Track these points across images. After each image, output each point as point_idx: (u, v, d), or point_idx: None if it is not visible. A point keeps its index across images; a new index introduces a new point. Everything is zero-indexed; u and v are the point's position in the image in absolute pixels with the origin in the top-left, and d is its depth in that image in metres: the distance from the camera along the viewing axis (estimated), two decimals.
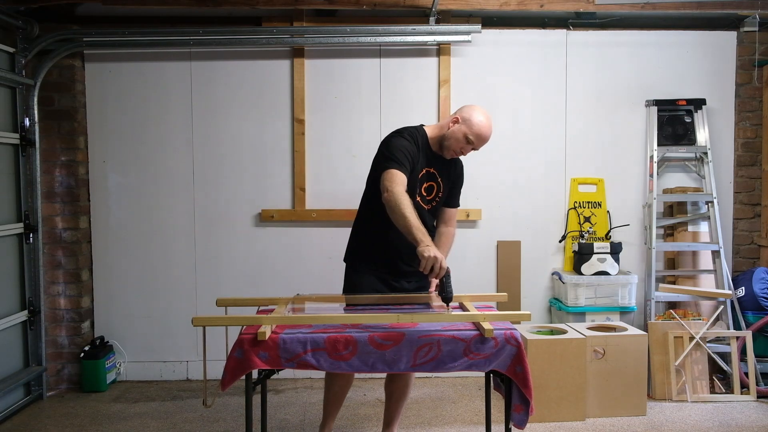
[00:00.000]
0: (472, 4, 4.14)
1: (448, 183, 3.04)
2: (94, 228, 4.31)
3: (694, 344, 3.92)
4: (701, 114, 4.30)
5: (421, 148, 2.93)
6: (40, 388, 4.03)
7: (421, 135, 2.97)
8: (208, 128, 4.30)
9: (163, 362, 4.34)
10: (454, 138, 2.91)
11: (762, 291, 4.07)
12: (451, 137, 2.91)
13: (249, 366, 2.40)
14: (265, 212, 4.29)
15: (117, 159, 4.29)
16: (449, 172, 3.03)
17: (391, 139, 2.91)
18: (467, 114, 2.93)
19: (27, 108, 3.98)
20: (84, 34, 4.05)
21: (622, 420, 3.60)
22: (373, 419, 3.63)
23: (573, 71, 4.34)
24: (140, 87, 4.27)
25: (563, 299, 4.17)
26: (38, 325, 4.02)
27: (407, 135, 2.92)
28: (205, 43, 4.14)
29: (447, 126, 2.95)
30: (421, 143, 2.94)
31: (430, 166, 2.96)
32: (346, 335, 2.41)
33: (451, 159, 3.01)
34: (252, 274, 4.32)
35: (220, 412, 3.75)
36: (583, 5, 4.13)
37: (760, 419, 3.59)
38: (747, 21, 4.27)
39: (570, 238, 4.34)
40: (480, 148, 2.96)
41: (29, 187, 4.00)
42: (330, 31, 4.13)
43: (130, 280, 4.32)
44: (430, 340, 2.41)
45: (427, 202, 2.99)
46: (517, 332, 2.45)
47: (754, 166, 4.40)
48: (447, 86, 4.28)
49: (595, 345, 3.65)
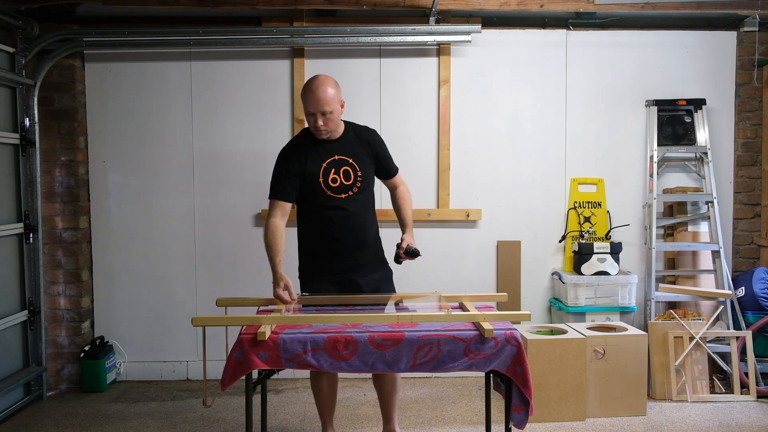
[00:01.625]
0: (472, 4, 4.14)
1: (367, 158, 3.02)
2: (94, 228, 4.31)
3: (694, 344, 3.92)
4: (701, 114, 4.30)
5: (307, 145, 2.99)
6: (40, 388, 4.03)
7: (305, 134, 3.05)
8: (208, 128, 4.30)
9: (163, 362, 4.34)
10: (306, 120, 2.95)
11: (762, 291, 4.07)
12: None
13: (249, 366, 2.40)
14: (265, 212, 4.28)
15: (117, 159, 4.29)
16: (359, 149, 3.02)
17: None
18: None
19: (27, 108, 3.98)
20: (84, 34, 4.05)
21: (622, 420, 3.60)
22: (372, 419, 3.62)
23: (573, 71, 4.34)
24: (140, 87, 4.27)
25: (563, 299, 4.17)
26: (38, 325, 4.02)
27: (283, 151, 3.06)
28: (205, 43, 4.14)
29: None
30: (307, 141, 3.00)
31: (334, 154, 2.97)
32: (346, 335, 2.41)
33: (355, 135, 3.04)
34: (252, 274, 4.32)
35: (220, 412, 3.75)
36: (583, 5, 4.13)
37: (760, 419, 3.59)
38: (747, 21, 4.27)
39: (570, 238, 4.34)
40: (321, 108, 2.85)
41: (29, 187, 4.00)
42: (330, 31, 4.13)
43: (130, 280, 4.32)
44: (430, 340, 2.41)
45: (348, 188, 2.97)
46: (517, 332, 2.45)
47: (754, 166, 4.40)
48: (447, 86, 4.28)
49: (595, 345, 3.66)
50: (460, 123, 4.31)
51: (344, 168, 2.96)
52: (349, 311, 2.77)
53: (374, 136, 3.11)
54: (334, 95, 2.89)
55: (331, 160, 2.96)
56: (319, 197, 2.95)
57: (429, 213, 4.30)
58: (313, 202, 2.98)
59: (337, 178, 2.95)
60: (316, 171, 2.94)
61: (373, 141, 3.08)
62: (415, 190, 4.30)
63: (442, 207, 4.31)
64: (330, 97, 2.86)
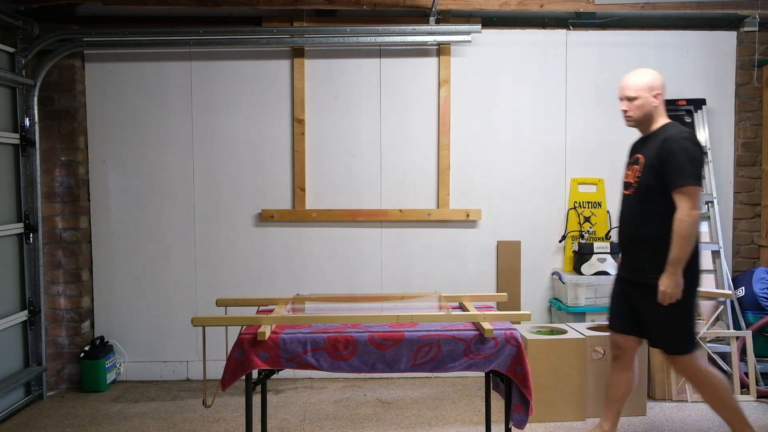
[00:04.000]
0: (472, 4, 4.14)
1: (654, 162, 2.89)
2: (94, 228, 4.31)
3: None
4: (701, 114, 4.30)
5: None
6: (40, 388, 4.03)
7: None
8: (208, 128, 4.30)
9: (163, 362, 4.34)
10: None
11: (762, 291, 4.06)
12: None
13: (249, 366, 2.40)
14: (265, 212, 4.29)
15: (117, 159, 4.29)
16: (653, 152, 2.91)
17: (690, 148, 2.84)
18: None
19: (27, 108, 3.98)
20: (84, 34, 4.05)
21: (622, 420, 3.58)
22: (372, 419, 3.63)
23: (573, 71, 4.34)
24: (140, 87, 4.27)
25: (563, 299, 4.17)
26: (38, 325, 4.02)
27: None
28: (205, 43, 4.14)
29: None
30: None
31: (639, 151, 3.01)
32: (346, 335, 2.41)
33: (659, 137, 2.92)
34: (252, 274, 4.32)
35: (220, 412, 3.75)
36: (583, 5, 4.13)
37: (760, 419, 3.59)
38: (747, 21, 4.27)
39: (570, 238, 4.34)
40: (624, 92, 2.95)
41: (29, 187, 4.00)
42: (330, 31, 4.13)
43: (130, 280, 4.32)
44: (430, 340, 2.41)
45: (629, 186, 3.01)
46: (517, 332, 2.45)
47: (754, 166, 4.40)
48: (447, 86, 4.28)
49: (595, 345, 3.65)
50: (460, 123, 4.31)
51: (635, 166, 2.99)
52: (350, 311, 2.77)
53: (669, 140, 2.85)
54: (642, 84, 2.91)
55: (634, 156, 3.03)
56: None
57: (429, 213, 4.30)
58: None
59: (629, 173, 3.02)
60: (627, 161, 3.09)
61: (665, 144, 2.85)
62: (415, 190, 4.33)
63: (442, 207, 4.31)
64: (635, 84, 2.92)
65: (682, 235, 2.75)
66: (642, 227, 2.91)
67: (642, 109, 2.92)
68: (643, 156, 2.92)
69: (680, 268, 2.77)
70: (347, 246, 4.34)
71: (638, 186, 2.92)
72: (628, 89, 2.93)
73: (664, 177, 2.81)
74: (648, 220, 2.89)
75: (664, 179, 2.82)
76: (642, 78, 2.92)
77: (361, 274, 4.35)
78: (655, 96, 2.92)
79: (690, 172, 2.77)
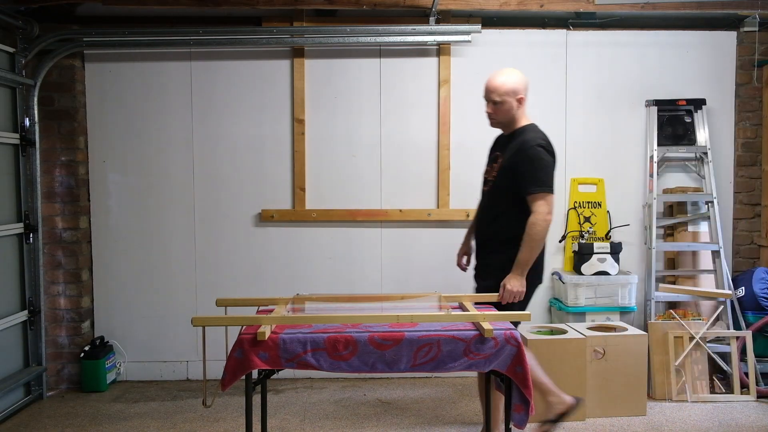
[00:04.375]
0: (472, 4, 4.14)
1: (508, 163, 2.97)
2: (94, 228, 4.31)
3: (694, 344, 3.92)
4: (701, 114, 4.30)
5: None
6: (40, 388, 4.03)
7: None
8: (208, 128, 4.30)
9: (163, 362, 4.34)
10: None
11: (762, 291, 4.06)
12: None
13: (249, 366, 2.40)
14: (265, 212, 4.29)
15: (117, 159, 4.29)
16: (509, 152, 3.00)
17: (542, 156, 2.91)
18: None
19: (27, 108, 3.98)
20: (84, 34, 4.05)
21: (622, 420, 3.60)
22: (372, 419, 3.63)
23: (573, 71, 4.34)
24: (140, 87, 4.27)
25: (563, 299, 4.17)
26: (38, 325, 4.02)
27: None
28: (205, 43, 4.14)
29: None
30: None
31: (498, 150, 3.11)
32: (346, 335, 2.41)
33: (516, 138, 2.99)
34: (252, 274, 4.32)
35: (220, 412, 3.75)
36: (583, 5, 4.13)
37: (760, 419, 3.59)
38: (747, 21, 4.27)
39: (570, 238, 4.34)
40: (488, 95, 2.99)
41: (29, 187, 4.00)
42: (330, 31, 4.13)
43: (130, 280, 4.32)
44: (430, 340, 2.41)
45: (486, 183, 3.10)
46: (517, 332, 2.45)
47: (754, 166, 4.40)
48: (447, 86, 4.28)
49: (595, 345, 3.65)
50: (460, 123, 4.31)
51: (493, 164, 3.07)
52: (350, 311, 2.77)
53: (524, 146, 2.92)
54: (507, 89, 2.96)
55: (493, 154, 3.12)
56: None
57: (429, 213, 4.30)
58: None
59: (489, 170, 3.10)
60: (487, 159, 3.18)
61: (520, 150, 2.92)
62: (415, 190, 4.33)
63: (442, 207, 4.31)
64: (500, 88, 2.95)
65: (534, 238, 2.83)
66: (492, 225, 3.02)
67: (506, 113, 2.99)
68: (502, 156, 3.02)
69: (527, 269, 2.88)
70: (347, 246, 4.34)
71: (493, 185, 3.01)
72: (494, 94, 2.95)
73: (517, 181, 2.89)
74: (498, 219, 2.99)
75: (515, 182, 2.90)
76: (507, 82, 2.95)
77: (361, 274, 4.35)
78: (518, 100, 2.98)
79: (543, 180, 2.86)
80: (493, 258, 3.01)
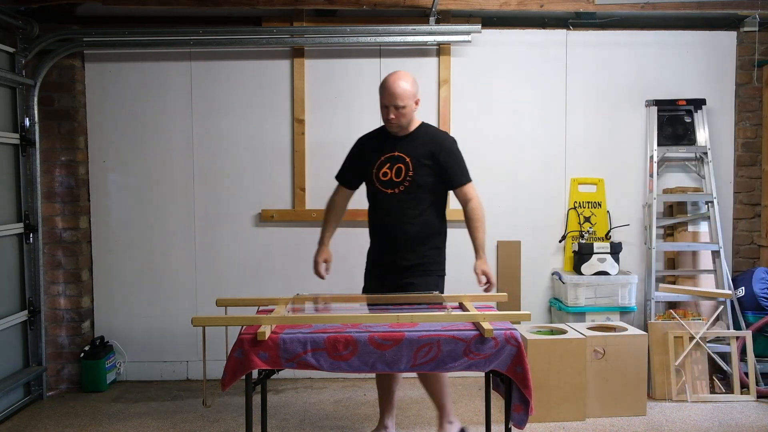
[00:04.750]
0: (472, 4, 4.14)
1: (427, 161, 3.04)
2: (94, 228, 4.31)
3: (694, 344, 3.92)
4: (701, 114, 4.30)
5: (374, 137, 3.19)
6: (40, 388, 4.03)
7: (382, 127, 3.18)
8: (208, 128, 4.30)
9: (163, 362, 4.34)
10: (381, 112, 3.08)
11: (762, 291, 4.06)
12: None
13: (249, 366, 2.40)
14: (265, 212, 4.29)
15: (117, 159, 4.29)
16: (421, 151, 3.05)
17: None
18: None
19: (27, 108, 3.98)
20: (84, 34, 4.05)
21: (622, 420, 3.60)
22: (373, 419, 3.62)
23: (573, 71, 4.34)
24: (140, 87, 4.27)
25: (563, 299, 4.17)
26: (38, 325, 4.02)
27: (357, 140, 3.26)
28: (205, 43, 4.14)
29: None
30: (377, 134, 3.20)
31: (394, 151, 3.07)
32: (346, 335, 2.41)
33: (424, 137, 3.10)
34: (252, 274, 4.32)
35: (220, 412, 3.75)
36: (583, 5, 4.13)
37: (760, 419, 3.59)
38: (747, 21, 4.27)
39: (570, 238, 4.34)
40: (393, 102, 2.99)
41: (29, 187, 4.00)
42: (330, 31, 4.13)
43: (130, 280, 4.32)
44: (430, 340, 2.41)
45: (396, 185, 3.05)
46: (517, 332, 2.45)
47: (754, 166, 4.40)
48: (447, 86, 4.28)
49: (595, 345, 3.65)
50: (460, 123, 4.31)
51: (398, 165, 3.05)
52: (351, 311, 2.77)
53: (445, 143, 3.10)
54: (409, 91, 3.00)
55: (390, 155, 3.07)
56: (372, 188, 3.13)
57: None
58: (370, 192, 3.18)
59: (388, 172, 3.06)
60: (372, 162, 3.10)
61: (441, 146, 3.07)
62: None
63: None
64: (404, 93, 2.98)
65: (483, 221, 3.09)
66: (414, 224, 3.04)
67: (408, 116, 3.05)
68: (408, 155, 3.04)
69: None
70: (347, 246, 4.32)
71: (411, 184, 3.02)
72: (399, 100, 2.99)
73: (444, 176, 3.05)
74: (421, 216, 3.04)
75: (440, 177, 3.05)
76: (407, 87, 3.01)
77: (361, 273, 4.34)
78: (416, 102, 3.08)
79: (467, 170, 3.12)
80: (417, 255, 3.04)
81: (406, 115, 3.03)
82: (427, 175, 3.04)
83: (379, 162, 3.08)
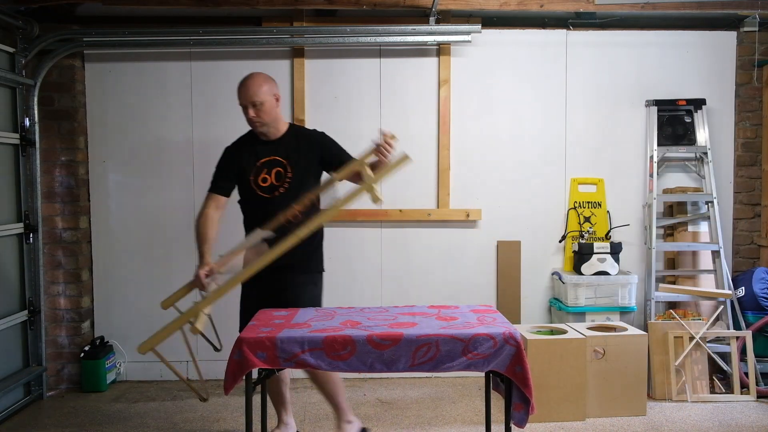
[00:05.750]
0: (472, 4, 4.14)
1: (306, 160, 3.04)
2: (94, 228, 4.31)
3: (694, 344, 3.92)
4: (701, 114, 4.30)
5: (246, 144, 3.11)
6: (40, 388, 4.03)
7: (251, 133, 3.13)
8: (208, 128, 4.29)
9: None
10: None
11: (762, 291, 4.06)
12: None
13: (248, 366, 2.40)
14: None
15: (117, 159, 4.30)
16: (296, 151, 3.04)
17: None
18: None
19: (27, 108, 3.98)
20: (84, 34, 4.05)
21: (622, 420, 3.59)
22: (373, 419, 3.62)
23: (573, 71, 4.34)
24: (140, 87, 4.27)
25: (563, 299, 4.17)
26: (38, 325, 4.02)
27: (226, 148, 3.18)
28: (205, 43, 4.14)
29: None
30: (249, 141, 3.12)
31: (270, 155, 3.04)
32: (345, 335, 2.41)
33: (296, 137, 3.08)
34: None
35: (220, 412, 3.75)
36: (583, 5, 4.12)
37: (760, 419, 3.59)
38: (747, 21, 4.26)
39: (570, 238, 4.34)
40: (250, 99, 2.96)
41: (29, 187, 4.00)
42: (330, 31, 4.13)
43: (130, 280, 4.32)
44: (429, 340, 2.41)
45: (276, 188, 3.03)
46: (516, 332, 2.45)
47: (754, 166, 4.40)
48: (447, 86, 4.28)
49: (595, 345, 3.65)
50: (460, 123, 4.31)
51: (276, 169, 3.03)
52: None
53: (317, 137, 3.12)
54: (264, 88, 2.97)
55: (266, 160, 3.04)
56: (250, 195, 3.08)
57: (429, 213, 4.30)
58: (246, 199, 3.13)
59: (267, 178, 3.04)
60: (249, 169, 3.04)
61: (316, 142, 3.10)
62: (415, 190, 4.33)
63: (442, 207, 4.31)
64: (258, 89, 2.95)
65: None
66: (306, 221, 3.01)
67: (270, 113, 3.00)
68: (284, 157, 3.02)
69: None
70: (347, 246, 4.34)
71: (291, 186, 3.00)
72: (254, 96, 2.95)
73: (333, 162, 3.04)
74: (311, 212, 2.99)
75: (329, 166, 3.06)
76: (262, 82, 2.98)
77: (361, 274, 4.35)
78: (276, 98, 3.03)
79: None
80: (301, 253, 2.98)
81: (268, 113, 2.99)
82: (305, 175, 3.04)
83: (256, 168, 3.03)
